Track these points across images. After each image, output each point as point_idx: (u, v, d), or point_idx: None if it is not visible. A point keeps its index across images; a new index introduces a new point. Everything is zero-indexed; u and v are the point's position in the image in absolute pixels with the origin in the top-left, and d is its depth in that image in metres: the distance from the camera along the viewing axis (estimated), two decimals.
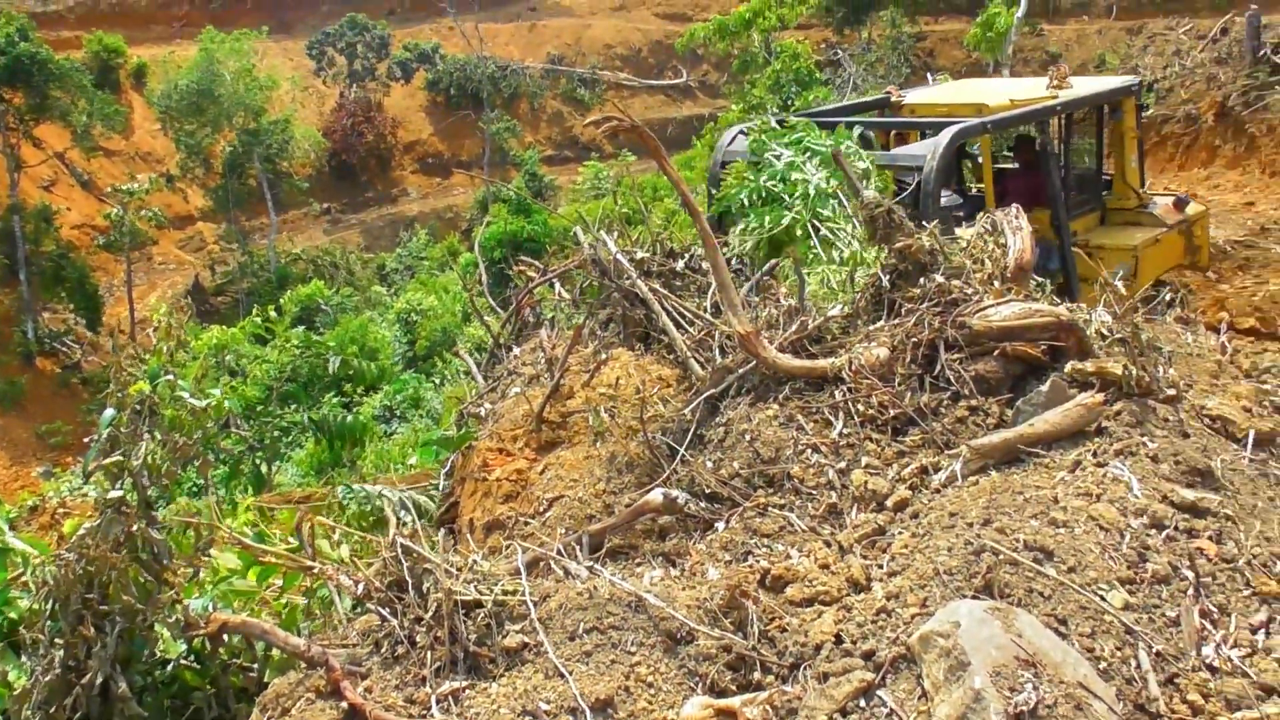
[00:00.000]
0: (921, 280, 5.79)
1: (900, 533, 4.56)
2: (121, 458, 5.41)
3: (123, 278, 46.87)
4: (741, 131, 11.76)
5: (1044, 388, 5.05)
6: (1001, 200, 11.26)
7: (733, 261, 7.43)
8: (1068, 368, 5.15)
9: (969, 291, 5.61)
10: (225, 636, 5.41)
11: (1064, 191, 11.99)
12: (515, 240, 34.11)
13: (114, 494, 5.25)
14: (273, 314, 21.14)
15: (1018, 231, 5.95)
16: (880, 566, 4.39)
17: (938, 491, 4.79)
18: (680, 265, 7.65)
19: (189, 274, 52.13)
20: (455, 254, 44.64)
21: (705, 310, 6.95)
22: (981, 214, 6.46)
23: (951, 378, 5.30)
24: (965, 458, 4.84)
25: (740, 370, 5.88)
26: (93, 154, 51.92)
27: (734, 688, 4.03)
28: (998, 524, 4.28)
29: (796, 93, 25.61)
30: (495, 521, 6.57)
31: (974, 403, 5.22)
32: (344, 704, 4.19)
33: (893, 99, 13.52)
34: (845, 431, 5.27)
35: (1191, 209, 13.70)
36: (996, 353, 5.32)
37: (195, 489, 12.28)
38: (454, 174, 60.85)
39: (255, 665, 5.59)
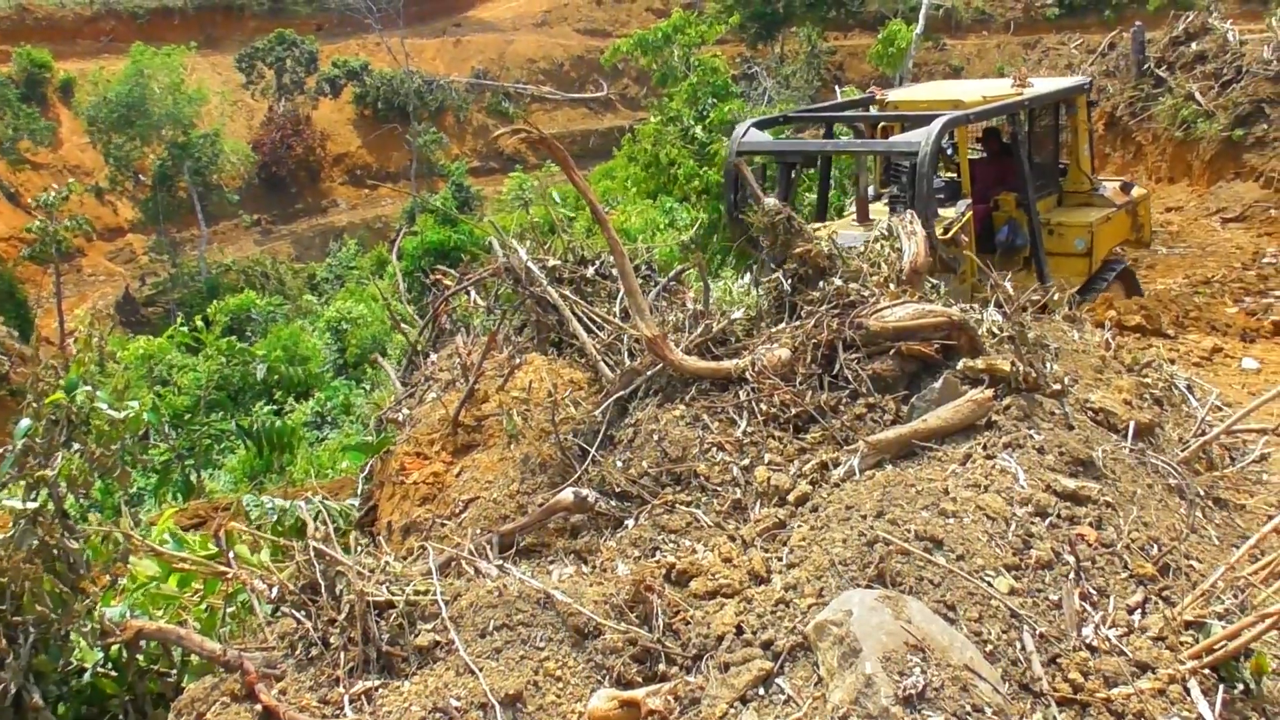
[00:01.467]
0: (821, 284, 5.95)
1: (799, 526, 4.67)
2: (36, 468, 5.40)
3: (52, 290, 46.06)
4: (754, 124, 12.38)
5: (937, 385, 5.21)
6: (972, 185, 12.47)
7: (641, 267, 7.58)
8: (959, 365, 5.30)
9: (866, 294, 5.76)
10: (142, 643, 5.42)
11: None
12: (441, 250, 33.93)
13: (28, 505, 5.24)
14: (201, 324, 20.96)
15: (912, 236, 6.11)
16: (780, 559, 4.49)
17: (836, 486, 4.89)
18: (590, 272, 7.73)
19: (119, 285, 51.40)
20: (384, 263, 44.31)
21: (614, 315, 7.05)
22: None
23: (850, 376, 5.44)
24: (863, 453, 4.96)
25: (648, 372, 5.98)
26: (19, 167, 51.08)
27: (640, 679, 4.11)
28: (890, 515, 4.42)
29: (712, 105, 25.86)
30: (412, 524, 6.60)
31: (871, 400, 5.36)
32: (259, 706, 4.21)
33: (877, 97, 14.51)
34: (749, 430, 5.39)
35: (1136, 192, 14.85)
36: (892, 352, 5.46)
37: (127, 499, 12.13)
38: (381, 186, 60.53)
39: (173, 671, 5.57)
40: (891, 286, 5.93)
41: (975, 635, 3.88)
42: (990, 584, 4.08)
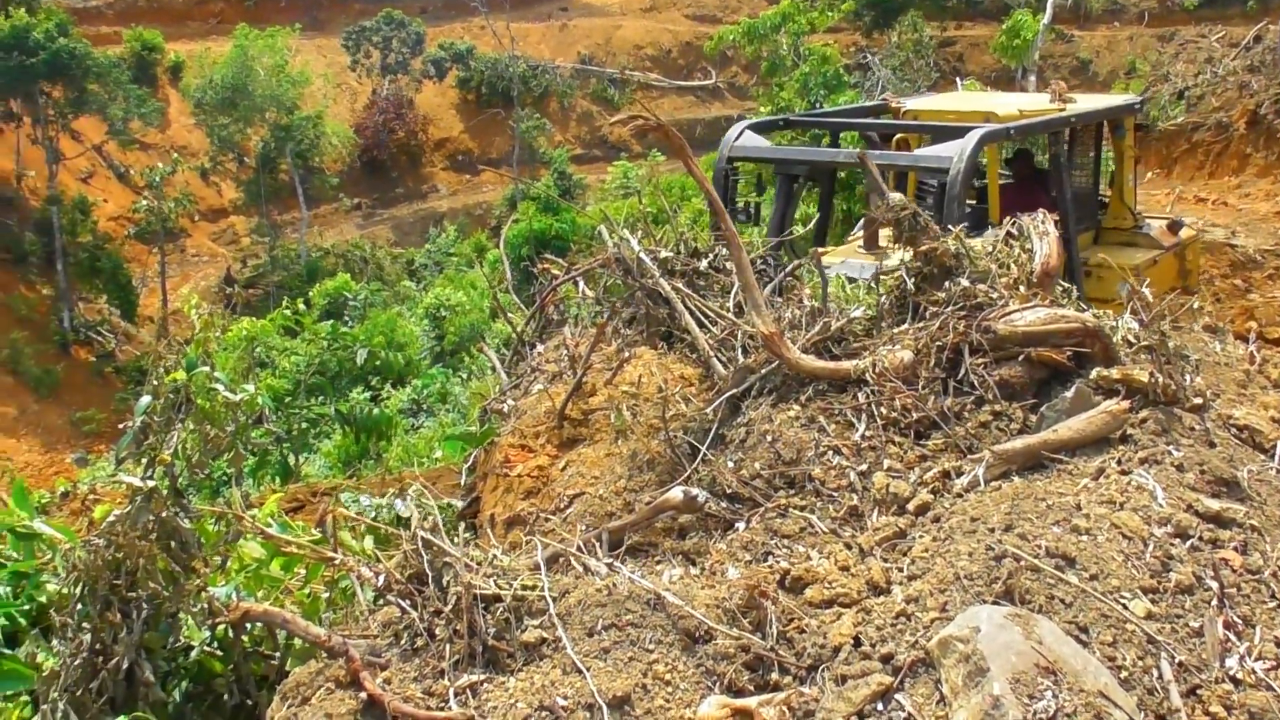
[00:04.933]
0: (946, 284, 5.75)
1: (921, 536, 4.54)
2: (154, 446, 5.44)
3: (156, 269, 47.39)
4: (748, 127, 11.37)
5: (1068, 394, 5.03)
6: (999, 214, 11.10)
7: (757, 262, 7.43)
8: (1093, 374, 5.11)
9: (994, 296, 5.57)
10: (248, 625, 5.44)
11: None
12: (542, 238, 34.18)
13: (146, 482, 5.28)
14: (301, 307, 21.19)
15: (1044, 236, 5.91)
16: (900, 570, 4.37)
17: (959, 496, 4.75)
18: (704, 265, 7.58)
19: (221, 266, 52.70)
20: (483, 250, 44.80)
21: (728, 310, 6.91)
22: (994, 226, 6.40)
23: (975, 382, 5.26)
24: (988, 462, 4.80)
25: (762, 370, 5.85)
26: (129, 147, 52.67)
27: (751, 688, 4.01)
28: (1019, 530, 4.26)
29: (824, 96, 25.52)
30: (516, 517, 6.54)
31: (997, 408, 5.18)
32: (363, 694, 4.18)
33: (891, 105, 13.09)
34: (867, 434, 5.24)
35: (1185, 233, 13.25)
36: (1021, 358, 5.28)
37: (226, 479, 12.23)
38: (483, 171, 61.06)
39: (277, 654, 5.60)
40: (1021, 289, 5.73)
41: (1109, 660, 3.73)
42: (1126, 607, 3.92)
